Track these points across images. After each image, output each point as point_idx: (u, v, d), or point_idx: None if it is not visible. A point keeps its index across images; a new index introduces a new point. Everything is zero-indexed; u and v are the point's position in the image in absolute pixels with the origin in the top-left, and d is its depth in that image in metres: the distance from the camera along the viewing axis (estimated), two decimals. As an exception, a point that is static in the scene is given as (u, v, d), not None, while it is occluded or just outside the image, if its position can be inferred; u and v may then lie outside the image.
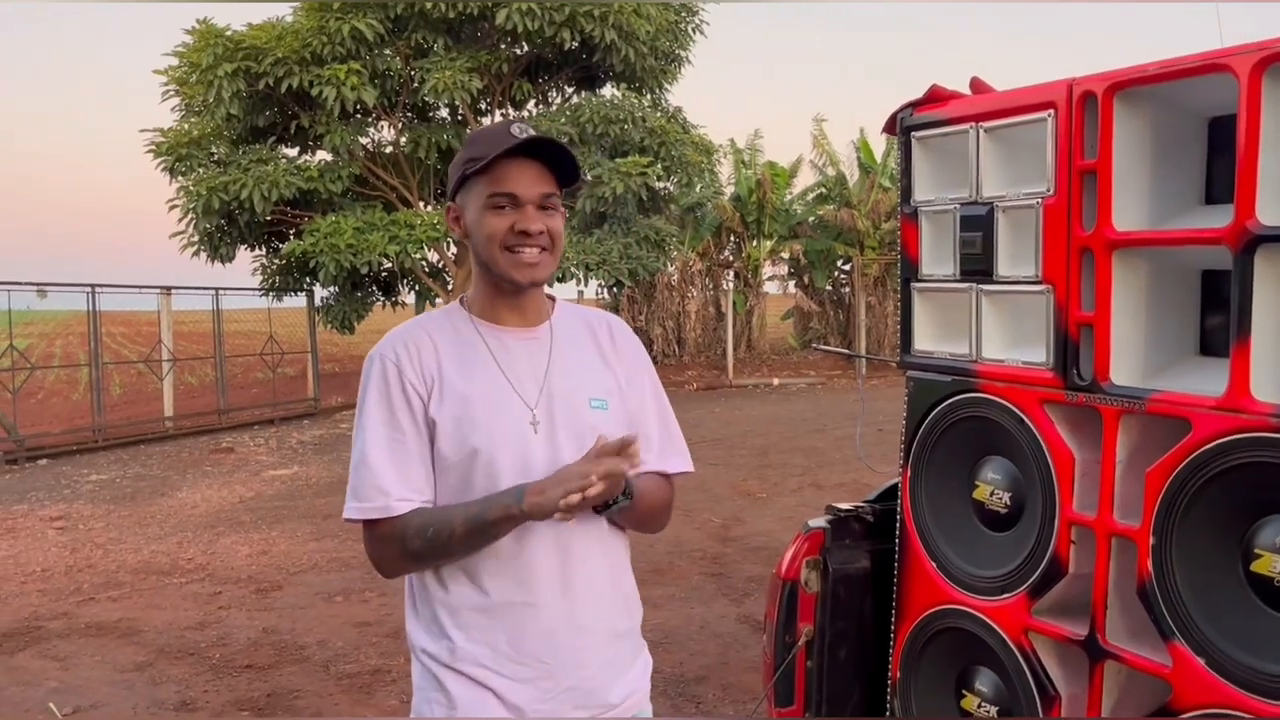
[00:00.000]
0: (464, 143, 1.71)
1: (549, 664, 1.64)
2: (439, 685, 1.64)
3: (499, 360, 1.66)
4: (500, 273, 1.64)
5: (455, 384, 1.63)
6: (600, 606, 1.70)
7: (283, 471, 10.02)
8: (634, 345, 1.83)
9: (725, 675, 4.44)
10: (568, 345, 1.73)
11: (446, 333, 1.68)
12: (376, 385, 1.64)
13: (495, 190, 1.60)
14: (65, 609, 5.53)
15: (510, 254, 1.62)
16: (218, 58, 13.05)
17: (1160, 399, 1.84)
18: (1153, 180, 1.92)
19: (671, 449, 1.82)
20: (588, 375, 1.72)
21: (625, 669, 1.74)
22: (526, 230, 1.60)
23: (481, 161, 1.60)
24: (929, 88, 2.35)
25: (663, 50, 14.99)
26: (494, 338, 1.68)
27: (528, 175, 1.61)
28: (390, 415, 1.63)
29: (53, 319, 37.98)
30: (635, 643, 1.79)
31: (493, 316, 1.69)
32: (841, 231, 21.09)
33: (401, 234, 13.53)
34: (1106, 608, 1.92)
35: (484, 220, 1.62)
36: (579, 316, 1.79)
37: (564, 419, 1.66)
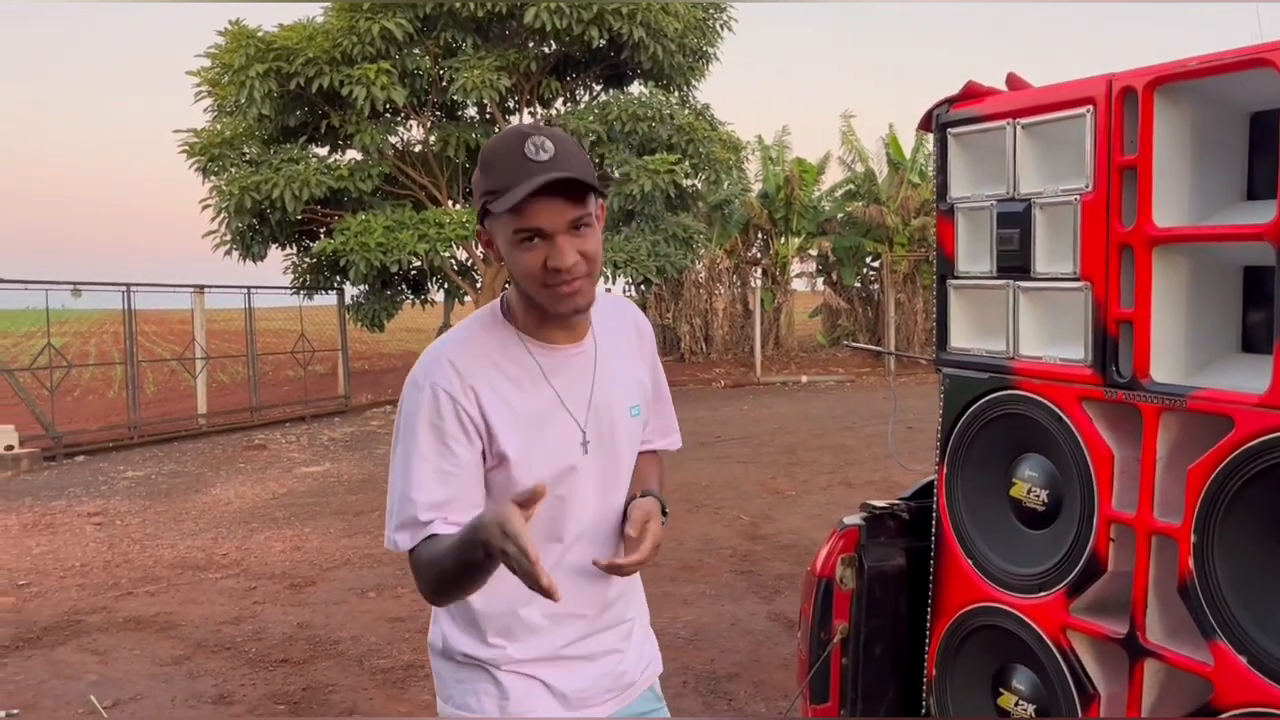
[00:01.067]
0: (479, 162, 1.57)
1: (585, 657, 1.72)
2: (490, 678, 1.67)
3: (552, 383, 1.62)
4: (543, 305, 1.57)
5: (516, 413, 1.58)
6: (630, 598, 1.81)
7: (314, 468, 10.11)
8: (651, 337, 1.85)
9: (757, 673, 4.45)
10: (610, 354, 1.71)
11: (494, 354, 1.61)
12: (427, 416, 1.55)
13: (522, 226, 1.50)
14: (104, 603, 5.61)
15: (548, 289, 1.53)
16: (249, 58, 13.19)
17: (1202, 396, 1.83)
18: (1193, 176, 1.90)
19: (672, 428, 1.91)
20: (625, 381, 1.73)
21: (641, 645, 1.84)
22: (559, 267, 1.50)
23: (500, 198, 1.49)
24: (965, 84, 2.34)
25: (691, 47, 14.98)
26: (545, 357, 1.63)
27: (553, 206, 1.49)
28: (442, 446, 1.55)
29: (87, 318, 38.50)
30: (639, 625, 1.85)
31: (542, 335, 1.63)
32: (870, 228, 20.98)
33: (431, 232, 13.62)
34: (1146, 606, 1.91)
35: (516, 256, 1.53)
36: (611, 312, 1.76)
37: (608, 432, 1.68)
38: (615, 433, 1.68)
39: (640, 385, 1.76)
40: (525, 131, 1.52)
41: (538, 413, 1.61)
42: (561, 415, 1.63)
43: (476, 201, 1.58)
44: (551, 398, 1.63)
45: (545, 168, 1.48)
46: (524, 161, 1.49)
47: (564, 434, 1.63)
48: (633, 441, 1.74)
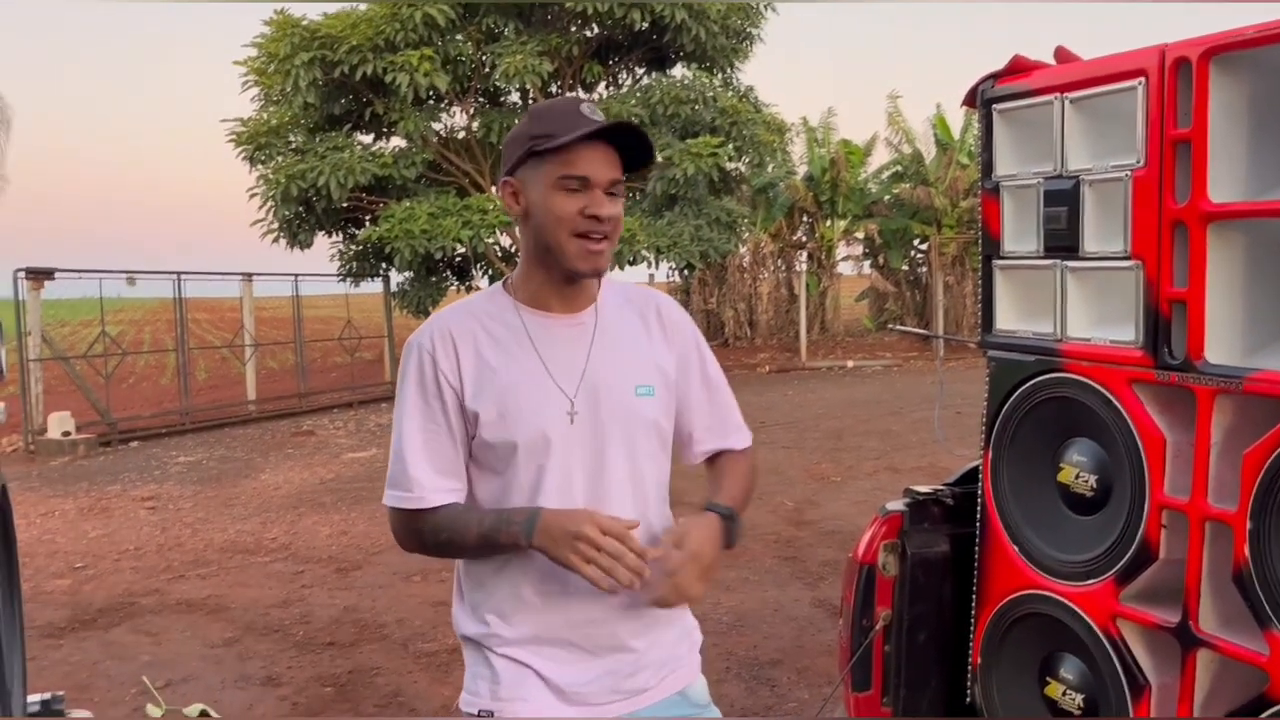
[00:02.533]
0: (527, 115, 1.62)
1: (586, 649, 1.64)
2: (485, 662, 1.66)
3: (539, 349, 1.62)
4: (564, 257, 1.57)
5: (494, 375, 1.60)
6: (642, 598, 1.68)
7: (361, 454, 10.22)
8: (684, 323, 1.78)
9: (800, 659, 4.42)
10: (612, 330, 1.67)
11: (486, 320, 1.64)
12: (414, 376, 1.62)
13: (568, 172, 1.54)
14: (157, 586, 5.72)
15: (580, 240, 1.56)
16: (294, 47, 13.33)
17: (1259, 378, 1.76)
18: (1250, 149, 1.83)
19: (733, 425, 1.82)
20: (633, 361, 1.67)
21: (668, 650, 1.72)
22: (598, 215, 1.54)
23: (554, 141, 1.53)
24: (1011, 58, 2.28)
25: (734, 28, 14.89)
26: (536, 325, 1.63)
27: (600, 158, 1.55)
28: (426, 406, 1.61)
29: (141, 306, 39.25)
30: (680, 622, 1.76)
31: (539, 302, 1.64)
32: (918, 210, 20.71)
33: (474, 219, 13.69)
34: (1200, 594, 1.85)
35: (552, 200, 1.55)
36: (625, 297, 1.74)
37: (608, 408, 1.62)
38: (614, 409, 1.63)
39: (656, 368, 1.69)
40: (579, 97, 1.59)
41: (518, 376, 1.60)
42: (545, 383, 1.61)
43: (516, 148, 1.60)
44: (535, 363, 1.61)
45: (607, 122, 1.55)
46: (579, 116, 1.55)
47: (546, 401, 1.60)
48: (645, 424, 1.66)
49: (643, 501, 1.67)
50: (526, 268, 1.66)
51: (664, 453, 1.72)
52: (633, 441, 1.65)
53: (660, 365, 1.70)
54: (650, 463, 1.68)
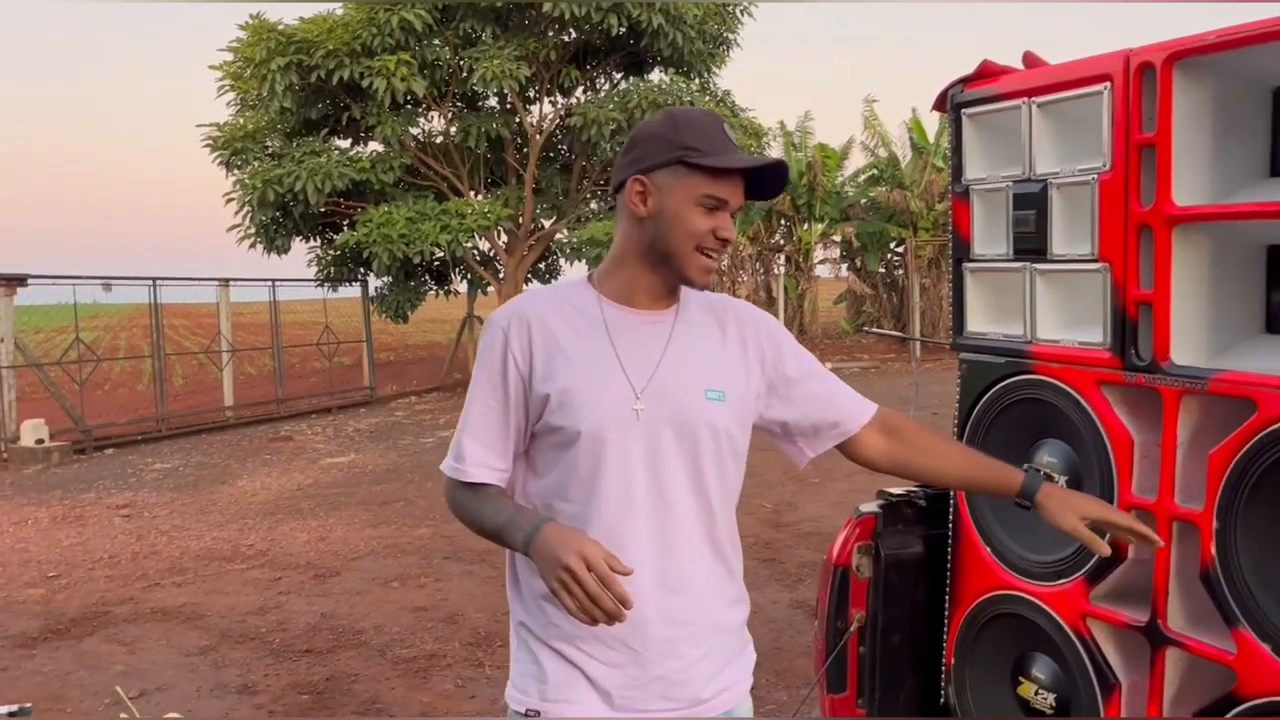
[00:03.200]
0: (667, 117, 1.64)
1: (638, 651, 1.61)
2: (534, 659, 1.65)
3: (614, 342, 1.62)
4: (684, 267, 1.60)
5: (566, 360, 1.60)
6: (698, 600, 1.65)
7: (340, 459, 10.17)
8: (766, 321, 1.77)
9: (779, 661, 4.43)
10: (690, 332, 1.67)
11: (566, 308, 1.65)
12: (485, 353, 1.64)
13: (713, 193, 1.58)
14: (131, 594, 5.67)
15: (702, 256, 1.60)
16: (270, 52, 13.25)
17: (1224, 379, 1.78)
18: (1214, 153, 1.85)
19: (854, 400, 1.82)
20: (706, 364, 1.66)
21: (722, 664, 1.69)
22: (727, 238, 1.61)
23: (708, 159, 1.57)
24: (980, 63, 2.30)
25: (711, 33, 14.91)
26: (616, 318, 1.64)
27: (739, 188, 1.61)
28: (490, 385, 1.62)
29: (118, 312, 38.92)
30: (738, 638, 1.74)
31: (624, 298, 1.65)
32: (894, 213, 20.82)
33: (453, 223, 13.65)
34: (1168, 593, 1.87)
35: (690, 214, 1.58)
36: (704, 304, 1.74)
37: (673, 408, 1.61)
38: (683, 412, 1.62)
39: (728, 374, 1.67)
40: (716, 114, 1.67)
41: (590, 365, 1.60)
42: (616, 373, 1.60)
43: (658, 151, 1.60)
44: (608, 352, 1.61)
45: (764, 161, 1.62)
46: (726, 138, 1.60)
47: (613, 393, 1.59)
48: (709, 428, 1.63)
49: (705, 506, 1.64)
50: (626, 263, 1.66)
51: (734, 461, 1.69)
52: (695, 443, 1.62)
53: (734, 372, 1.69)
54: (714, 468, 1.65)
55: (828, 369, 1.84)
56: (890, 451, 1.79)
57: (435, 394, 15.91)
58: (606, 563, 1.42)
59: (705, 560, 1.66)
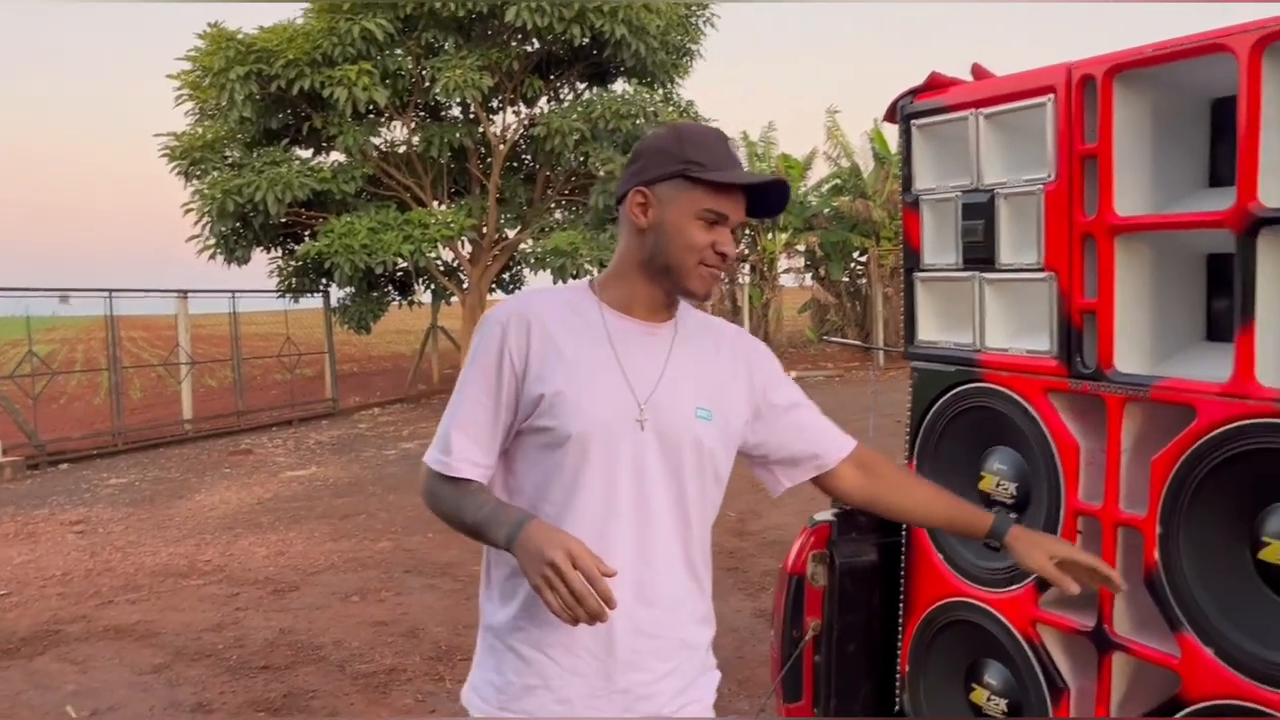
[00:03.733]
0: (670, 131, 1.66)
1: (605, 661, 1.60)
2: (496, 665, 1.64)
3: (616, 349, 1.62)
4: (684, 279, 1.61)
5: (562, 363, 1.59)
6: (672, 614, 1.65)
7: (301, 472, 10.06)
8: (759, 349, 1.79)
9: (741, 670, 4.42)
10: (688, 348, 1.68)
11: (566, 311, 1.65)
12: (481, 348, 1.63)
13: (713, 207, 1.59)
14: (84, 612, 5.57)
15: (703, 269, 1.61)
16: (229, 61, 13.12)
17: (1165, 386, 1.81)
18: (1155, 164, 1.89)
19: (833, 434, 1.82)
20: (700, 382, 1.67)
21: (688, 682, 1.69)
22: (726, 253, 1.61)
23: (710, 173, 1.58)
24: (929, 74, 2.32)
25: (673, 44, 14.96)
26: (616, 325, 1.64)
27: (739, 202, 1.62)
28: (482, 381, 1.61)
29: (75, 324, 38.33)
30: (705, 657, 1.74)
31: (625, 307, 1.65)
32: (857, 223, 20.98)
33: (416, 233, 13.57)
34: (1114, 598, 1.89)
35: (690, 228, 1.59)
36: (702, 322, 1.76)
37: (667, 422, 1.62)
38: (676, 427, 1.62)
39: (719, 395, 1.68)
40: (720, 131, 1.67)
41: (590, 368, 1.60)
42: (617, 382, 1.60)
43: (662, 164, 1.62)
44: (611, 360, 1.61)
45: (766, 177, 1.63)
46: (729, 154, 1.62)
47: (612, 398, 1.59)
48: (701, 451, 1.64)
49: (684, 521, 1.64)
50: (626, 273, 1.66)
51: (715, 482, 1.69)
52: (680, 458, 1.63)
53: (725, 394, 1.69)
54: (696, 484, 1.65)
55: (799, 385, 1.84)
56: (864, 486, 1.81)
57: (399, 405, 15.79)
58: (592, 562, 1.41)
59: (680, 575, 1.66)
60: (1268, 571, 1.66)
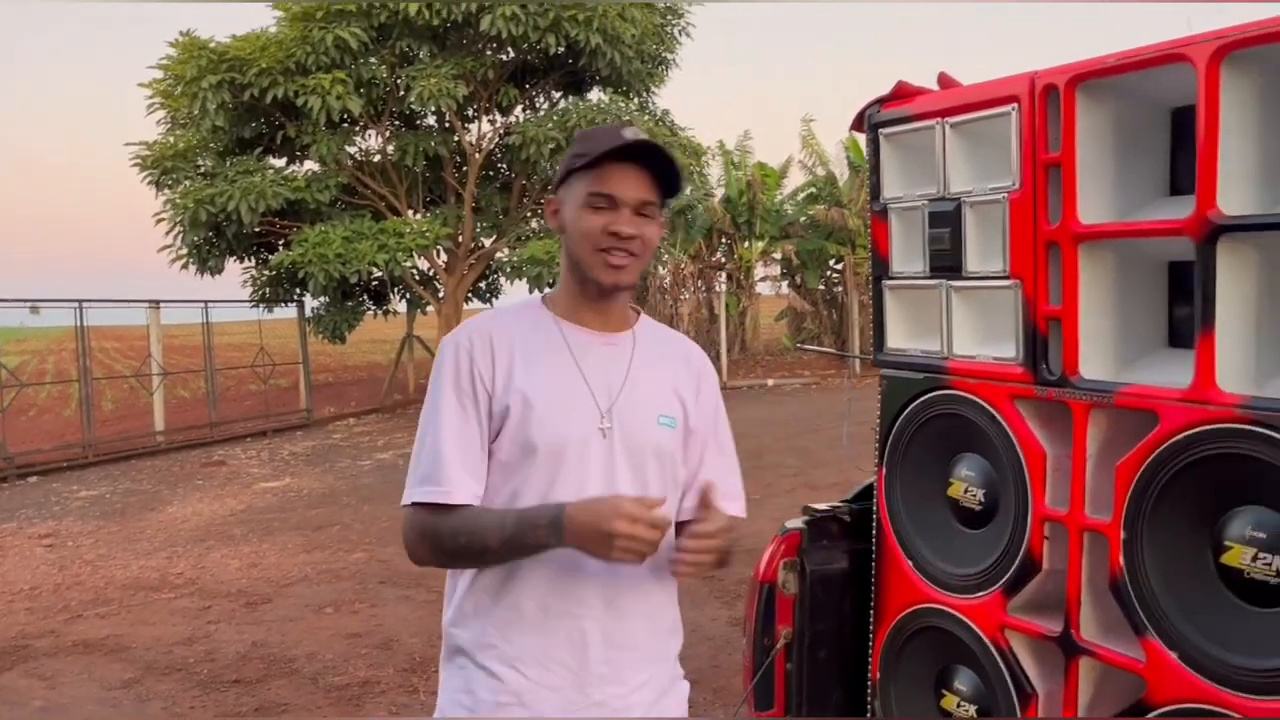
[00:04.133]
0: (575, 139, 1.69)
1: (578, 674, 1.61)
2: (465, 686, 1.62)
3: (577, 360, 1.64)
4: (589, 270, 1.62)
5: (528, 377, 1.61)
6: (644, 625, 1.67)
7: (274, 483, 9.99)
8: (711, 376, 1.80)
9: (717, 679, 4.42)
10: (647, 358, 1.69)
11: (525, 327, 1.66)
12: (449, 372, 1.62)
13: (596, 189, 1.59)
14: (53, 627, 5.49)
15: (600, 254, 1.60)
16: (202, 70, 13.03)
17: (1128, 392, 1.83)
18: (1117, 172, 1.90)
19: (735, 492, 1.80)
20: (661, 391, 1.69)
21: (661, 694, 1.70)
22: (618, 232, 1.58)
23: (587, 158, 1.58)
24: (895, 84, 2.34)
25: (648, 53, 15.00)
26: (574, 337, 1.65)
27: (630, 179, 1.60)
28: (459, 404, 1.61)
29: (46, 336, 37.87)
30: (674, 669, 1.75)
31: (576, 317, 1.67)
32: (833, 231, 21.08)
33: (390, 242, 13.52)
34: (1080, 603, 1.90)
35: (580, 217, 1.60)
36: (663, 334, 1.79)
37: (631, 430, 1.63)
38: (640, 435, 1.64)
39: (679, 402, 1.70)
40: (628, 122, 1.65)
41: (555, 381, 1.61)
42: (581, 393, 1.62)
43: (562, 167, 1.65)
44: (573, 371, 1.62)
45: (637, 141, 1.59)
46: (617, 137, 1.59)
47: (577, 410, 1.61)
48: (663, 456, 1.66)
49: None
50: (564, 282, 1.70)
51: (675, 489, 1.70)
52: (644, 467, 1.65)
53: (684, 402, 1.71)
54: (660, 492, 1.65)
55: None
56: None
57: (374, 415, 15.70)
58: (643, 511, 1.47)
59: (651, 584, 1.66)
60: (1229, 575, 1.68)
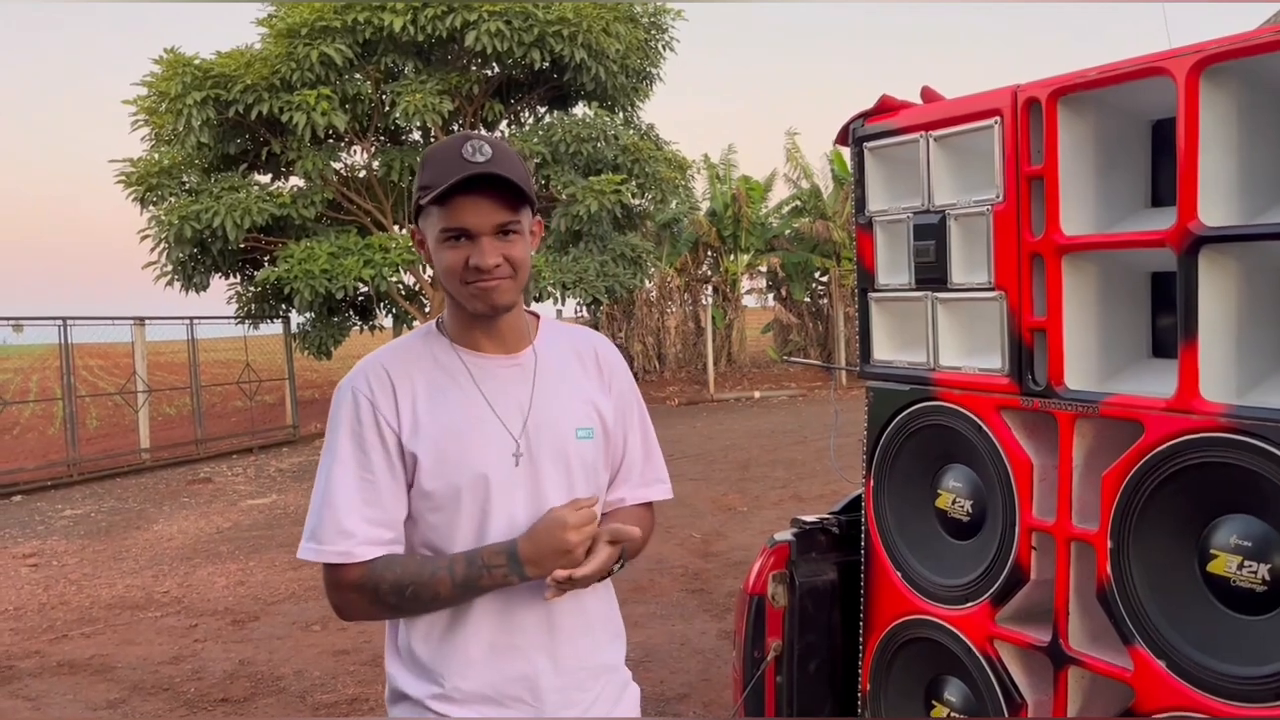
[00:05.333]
0: (420, 162, 1.59)
1: (533, 705, 1.59)
2: None
3: (482, 389, 1.59)
4: (464, 302, 1.57)
5: (436, 415, 1.56)
6: (586, 643, 1.65)
7: (261, 500, 9.93)
8: (622, 369, 1.76)
9: (707, 692, 4.42)
10: (553, 371, 1.65)
11: (425, 361, 1.60)
12: (348, 420, 1.56)
13: (447, 225, 1.52)
14: (37, 647, 5.45)
15: (467, 287, 1.54)
16: (186, 86, 13.00)
17: (1113, 402, 1.84)
18: (1099, 184, 1.92)
19: (654, 476, 1.78)
20: (573, 403, 1.65)
21: (612, 704, 1.69)
22: (480, 266, 1.51)
23: (432, 192, 1.50)
24: (880, 98, 2.35)
25: (633, 68, 15.04)
26: (475, 365, 1.61)
27: (481, 207, 1.51)
28: (361, 453, 1.54)
29: (29, 353, 37.64)
30: (622, 675, 1.74)
31: (470, 343, 1.62)
32: (818, 243, 21.17)
33: (376, 258, 13.49)
34: (1068, 613, 1.91)
35: (440, 253, 1.54)
36: (565, 338, 1.72)
37: (549, 450, 1.60)
38: (558, 453, 1.61)
39: (594, 410, 1.67)
40: (467, 135, 1.55)
41: (463, 416, 1.57)
42: (491, 423, 1.58)
43: (414, 203, 1.59)
44: (480, 403, 1.58)
45: (479, 168, 1.49)
46: (460, 161, 1.50)
47: (490, 442, 1.57)
48: (586, 468, 1.64)
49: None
50: (451, 309, 1.64)
51: (602, 490, 1.69)
52: (572, 484, 1.62)
53: (599, 408, 1.68)
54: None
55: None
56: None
57: (361, 431, 15.62)
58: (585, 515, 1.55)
59: (588, 598, 1.65)
60: (1215, 583, 1.69)
